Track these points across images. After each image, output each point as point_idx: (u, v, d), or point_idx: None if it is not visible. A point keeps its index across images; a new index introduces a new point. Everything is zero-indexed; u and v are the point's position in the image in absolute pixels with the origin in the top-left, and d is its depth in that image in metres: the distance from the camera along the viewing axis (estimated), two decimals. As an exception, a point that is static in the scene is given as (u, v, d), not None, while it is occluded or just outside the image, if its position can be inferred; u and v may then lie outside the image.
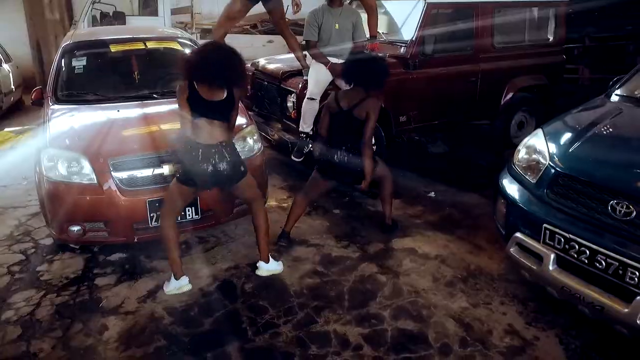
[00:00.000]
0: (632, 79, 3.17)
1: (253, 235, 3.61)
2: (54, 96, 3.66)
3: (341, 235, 3.72)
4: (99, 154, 2.97)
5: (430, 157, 5.49)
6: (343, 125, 3.27)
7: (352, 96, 3.24)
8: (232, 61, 2.66)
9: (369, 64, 3.24)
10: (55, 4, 8.47)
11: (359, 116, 3.20)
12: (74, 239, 3.04)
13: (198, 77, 2.65)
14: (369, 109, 3.18)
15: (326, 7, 4.26)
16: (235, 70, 2.67)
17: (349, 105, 3.22)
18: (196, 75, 2.65)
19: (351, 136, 3.25)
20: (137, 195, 2.99)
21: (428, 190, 4.58)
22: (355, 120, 3.21)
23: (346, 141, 3.26)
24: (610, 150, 2.50)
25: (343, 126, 3.27)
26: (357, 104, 3.20)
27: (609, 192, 2.23)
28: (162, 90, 3.84)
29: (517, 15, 5.20)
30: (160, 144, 3.11)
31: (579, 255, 2.25)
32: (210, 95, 2.69)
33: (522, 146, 2.93)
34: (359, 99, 3.20)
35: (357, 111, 3.21)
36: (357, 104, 3.20)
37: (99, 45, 4.17)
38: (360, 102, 3.19)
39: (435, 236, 3.71)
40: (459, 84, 4.91)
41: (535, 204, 2.54)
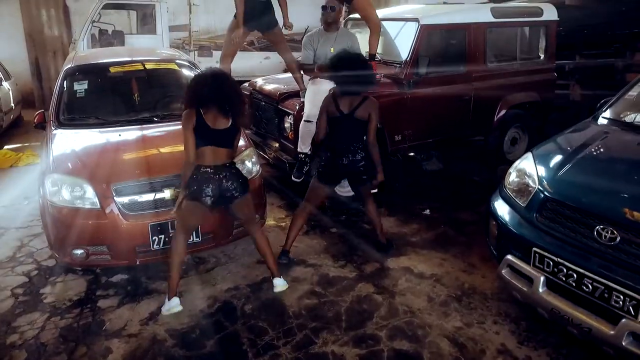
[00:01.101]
0: (618, 101, 3.27)
1: (251, 256, 3.73)
2: (57, 120, 3.75)
3: (338, 254, 3.80)
4: (101, 180, 3.05)
5: (425, 174, 5.59)
6: (346, 129, 3.33)
7: (352, 98, 3.30)
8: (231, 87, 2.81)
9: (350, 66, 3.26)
10: (54, 20, 8.59)
11: (361, 118, 3.28)
12: (77, 262, 3.11)
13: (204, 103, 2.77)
14: (370, 109, 3.26)
15: (322, 31, 4.38)
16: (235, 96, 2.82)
17: (350, 108, 3.29)
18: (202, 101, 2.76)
19: (356, 138, 3.32)
20: (139, 219, 3.06)
21: (423, 208, 4.67)
22: (359, 123, 3.29)
23: (352, 144, 3.32)
24: (596, 176, 2.60)
25: (346, 130, 3.33)
26: (358, 105, 3.27)
27: (594, 218, 2.33)
28: (162, 114, 3.93)
29: (508, 35, 5.32)
30: (162, 168, 3.19)
31: (567, 278, 2.33)
32: (215, 123, 2.78)
33: (512, 169, 3.02)
34: (359, 100, 3.28)
35: (359, 113, 3.28)
36: (358, 105, 3.27)
37: (100, 68, 4.26)
38: (361, 104, 3.28)
39: (430, 254, 3.79)
40: (453, 103, 5.01)
41: (526, 228, 2.63)
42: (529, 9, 5.42)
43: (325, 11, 4.26)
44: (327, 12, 4.26)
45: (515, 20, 5.26)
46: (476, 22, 4.92)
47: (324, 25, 4.35)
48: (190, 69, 4.57)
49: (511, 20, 5.23)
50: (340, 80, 3.30)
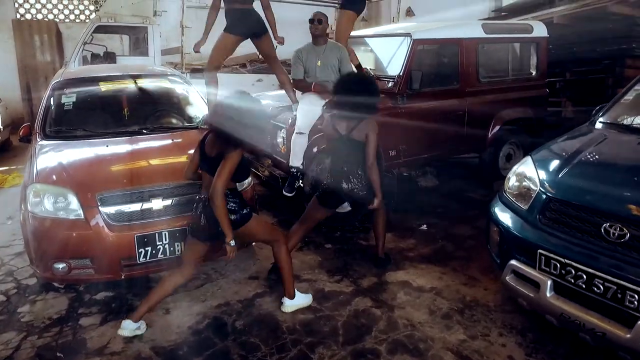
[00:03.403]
0: (613, 107, 3.24)
1: (244, 272, 3.58)
2: (42, 132, 3.64)
3: (334, 270, 3.65)
4: (86, 189, 2.92)
5: (420, 190, 5.50)
6: (344, 151, 3.25)
7: (349, 119, 3.22)
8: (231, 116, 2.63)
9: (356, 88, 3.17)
10: (46, 46, 8.60)
11: (358, 139, 3.18)
12: (58, 277, 2.94)
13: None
14: (368, 129, 3.16)
15: (310, 45, 4.36)
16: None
17: (348, 129, 3.22)
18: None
19: (354, 161, 3.22)
20: (125, 230, 2.92)
21: (420, 223, 4.55)
22: (356, 144, 3.19)
23: (351, 166, 3.22)
24: (600, 174, 2.52)
25: (344, 152, 3.25)
26: (355, 126, 3.18)
27: (601, 215, 2.23)
28: (151, 126, 3.83)
29: (500, 51, 5.36)
30: (149, 178, 3.08)
31: (575, 280, 2.22)
32: (211, 148, 2.70)
33: (512, 174, 2.94)
34: (357, 121, 3.19)
35: (356, 134, 3.18)
36: (355, 126, 3.18)
37: (88, 82, 4.19)
38: (358, 124, 3.18)
39: (429, 269, 3.65)
40: (447, 118, 4.98)
41: (529, 230, 2.52)
42: (519, 25, 5.49)
43: (312, 24, 4.24)
44: (314, 25, 4.24)
45: (506, 37, 5.31)
46: (468, 38, 4.95)
47: (312, 39, 4.33)
48: (182, 84, 4.53)
49: (502, 37, 5.27)
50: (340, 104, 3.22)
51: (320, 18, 4.26)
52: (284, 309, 3.03)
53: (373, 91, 3.20)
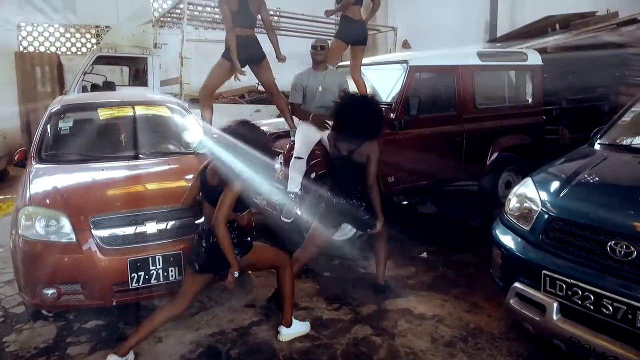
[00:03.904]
0: (611, 128, 3.23)
1: (239, 300, 3.48)
2: (37, 156, 3.60)
3: (332, 297, 3.55)
4: (79, 211, 2.86)
5: (420, 218, 5.44)
6: (344, 170, 3.21)
7: (351, 140, 3.20)
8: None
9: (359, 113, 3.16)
10: (47, 77, 8.69)
11: (359, 160, 3.16)
12: (47, 303, 2.83)
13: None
14: (369, 151, 3.15)
15: (311, 70, 4.40)
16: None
17: (349, 150, 3.19)
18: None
19: (354, 181, 3.19)
20: (117, 254, 2.84)
21: (420, 251, 4.47)
22: (357, 165, 3.17)
23: (351, 187, 3.18)
24: (602, 193, 2.48)
25: (345, 171, 3.21)
26: (357, 147, 3.17)
27: (606, 233, 2.18)
28: (148, 151, 3.81)
29: (496, 78, 5.41)
30: (144, 201, 3.02)
31: (583, 301, 2.14)
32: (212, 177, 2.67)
33: (512, 195, 2.90)
34: (359, 142, 3.17)
35: (357, 155, 3.17)
36: (357, 147, 3.17)
37: (86, 108, 4.19)
38: (360, 146, 3.16)
39: (430, 296, 3.55)
40: (445, 144, 4.98)
41: (532, 251, 2.46)
42: (514, 53, 5.57)
43: (315, 50, 4.30)
44: (317, 51, 4.29)
45: (501, 64, 5.37)
46: (464, 65, 5.00)
47: (313, 64, 4.38)
48: (181, 112, 4.52)
49: (497, 64, 5.33)
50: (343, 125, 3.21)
51: (323, 44, 4.33)
52: (281, 338, 2.92)
53: (376, 114, 3.20)
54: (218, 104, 6.86)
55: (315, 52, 4.29)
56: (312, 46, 4.32)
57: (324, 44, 4.31)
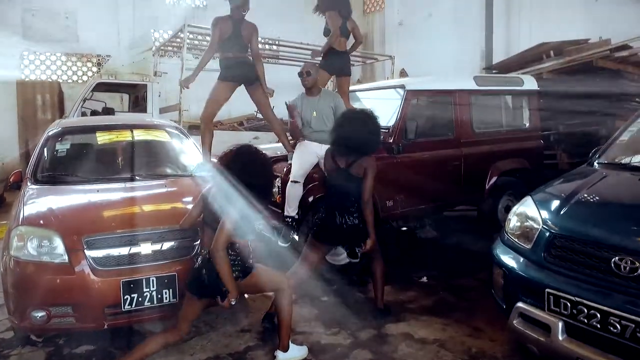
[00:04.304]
0: (610, 148, 3.23)
1: (235, 325, 3.39)
2: (33, 177, 3.57)
3: (330, 322, 3.45)
4: (73, 231, 2.81)
5: (419, 242, 5.37)
6: (342, 184, 3.19)
7: (349, 154, 3.20)
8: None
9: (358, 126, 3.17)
10: (48, 105, 8.74)
11: (357, 174, 3.15)
12: (37, 327, 2.74)
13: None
14: (367, 165, 3.14)
15: (304, 95, 4.38)
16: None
17: (347, 164, 3.18)
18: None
19: (351, 195, 3.16)
20: (111, 275, 2.77)
21: (420, 276, 4.39)
22: (354, 179, 3.15)
23: (346, 201, 3.16)
24: (604, 209, 2.45)
25: (342, 185, 3.19)
26: (355, 161, 3.16)
27: (609, 249, 2.13)
28: (145, 173, 3.78)
29: (493, 102, 5.45)
30: (139, 221, 2.97)
31: (589, 319, 2.07)
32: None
33: (512, 215, 2.86)
34: (357, 155, 3.17)
35: (355, 169, 3.16)
36: (355, 161, 3.16)
37: (85, 131, 4.19)
38: (358, 159, 3.16)
39: (431, 320, 3.46)
40: (443, 168, 4.96)
41: (534, 270, 2.41)
42: (510, 78, 5.64)
43: (302, 77, 4.28)
44: (304, 78, 4.27)
45: (497, 89, 5.42)
46: (460, 89, 5.04)
47: (305, 91, 4.37)
48: (179, 136, 4.52)
49: (494, 89, 5.38)
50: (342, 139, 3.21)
51: (309, 70, 4.27)
52: None
53: (374, 129, 3.21)
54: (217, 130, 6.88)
55: (303, 79, 4.28)
56: (299, 74, 4.32)
57: (310, 70, 4.27)
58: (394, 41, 11.35)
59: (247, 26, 4.46)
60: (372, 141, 3.21)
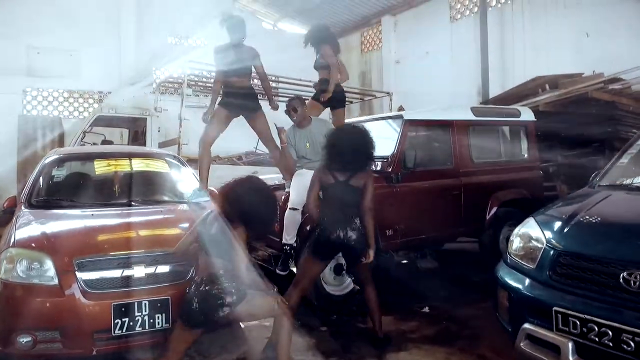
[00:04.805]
0: (610, 170, 3.21)
1: (230, 353, 3.25)
2: (27, 202, 3.52)
3: (329, 352, 3.32)
4: (64, 253, 2.74)
5: (420, 273, 5.26)
6: (341, 197, 3.16)
7: (346, 168, 3.19)
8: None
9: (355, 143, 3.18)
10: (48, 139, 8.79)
11: (356, 186, 3.15)
12: (21, 352, 2.61)
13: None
14: (366, 178, 3.16)
15: (295, 128, 4.37)
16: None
17: (346, 175, 3.16)
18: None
19: (352, 206, 3.14)
20: (101, 298, 2.69)
21: (421, 306, 4.27)
22: (354, 190, 3.15)
23: (348, 212, 3.13)
24: (610, 225, 2.40)
25: (340, 198, 3.16)
26: (354, 174, 3.16)
27: (617, 264, 2.06)
28: (141, 199, 3.74)
29: (491, 133, 5.48)
30: (132, 244, 2.90)
31: (600, 338, 1.98)
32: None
33: (514, 236, 2.81)
34: (354, 169, 3.18)
35: (354, 181, 3.15)
36: (354, 174, 3.16)
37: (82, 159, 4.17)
38: (357, 172, 3.17)
39: (433, 349, 3.33)
40: (443, 198, 4.91)
41: (540, 289, 2.33)
42: (506, 109, 5.69)
43: (289, 114, 4.29)
44: (291, 115, 4.29)
45: (494, 119, 5.46)
46: (458, 120, 5.08)
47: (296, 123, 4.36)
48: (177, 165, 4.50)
49: (491, 119, 5.42)
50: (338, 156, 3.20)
51: (294, 106, 4.28)
52: None
53: (368, 143, 3.23)
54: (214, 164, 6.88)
55: (291, 117, 4.30)
56: (285, 112, 4.32)
57: (296, 106, 4.27)
58: (391, 79, 11.57)
59: (248, 50, 4.56)
60: (370, 154, 3.24)
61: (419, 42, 10.94)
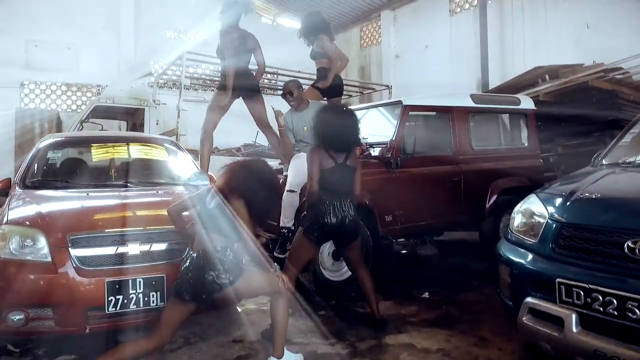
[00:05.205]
0: (612, 150, 3.16)
1: (227, 335, 3.20)
2: (22, 183, 3.46)
3: (328, 334, 3.26)
4: (57, 229, 2.68)
5: (420, 260, 5.22)
6: (341, 179, 3.17)
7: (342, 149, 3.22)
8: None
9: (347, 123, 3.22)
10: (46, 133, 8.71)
11: (352, 166, 3.22)
12: (13, 330, 2.56)
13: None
14: (356, 156, 3.27)
15: (292, 111, 4.33)
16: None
17: (344, 157, 3.20)
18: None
19: (348, 188, 3.19)
20: (95, 275, 2.63)
21: (421, 292, 4.22)
22: (351, 171, 3.21)
23: (345, 194, 3.17)
24: (614, 198, 2.35)
25: (341, 180, 3.17)
26: (349, 154, 3.22)
27: (622, 233, 2.01)
28: (137, 181, 3.69)
29: (491, 121, 5.44)
30: (127, 222, 2.85)
31: (605, 307, 1.93)
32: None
33: (516, 213, 2.76)
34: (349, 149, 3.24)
35: (350, 161, 3.21)
36: (349, 154, 3.22)
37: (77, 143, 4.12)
38: (351, 152, 3.25)
39: (434, 332, 3.28)
40: (443, 184, 4.87)
41: (542, 262, 2.28)
42: (506, 97, 5.64)
43: (286, 98, 4.25)
44: (287, 99, 4.24)
45: (494, 107, 5.41)
46: (458, 106, 5.03)
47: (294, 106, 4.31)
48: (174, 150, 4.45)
49: (491, 107, 5.38)
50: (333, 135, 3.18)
51: (290, 89, 4.23)
52: None
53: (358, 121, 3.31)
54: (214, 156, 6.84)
55: (288, 101, 4.25)
56: (282, 96, 4.28)
57: (291, 89, 4.21)
58: (390, 73, 11.53)
59: (250, 36, 4.51)
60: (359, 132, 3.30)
61: (419, 36, 10.90)
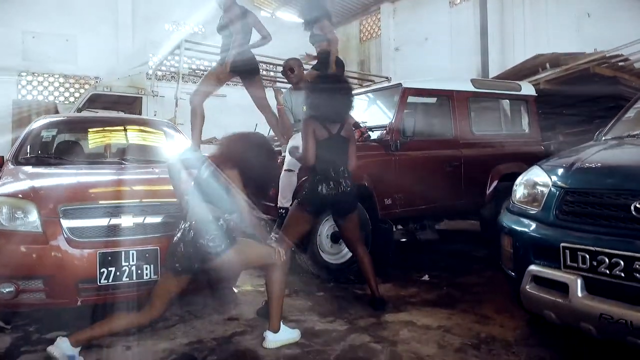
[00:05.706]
0: (615, 125, 3.11)
1: (222, 313, 3.14)
2: (14, 159, 3.40)
3: (326, 312, 3.20)
4: (49, 200, 2.63)
5: (420, 245, 5.16)
6: (339, 149, 3.13)
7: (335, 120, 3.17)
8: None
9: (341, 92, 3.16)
10: (42, 123, 8.69)
11: (347, 136, 3.16)
12: (2, 302, 2.51)
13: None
14: (350, 130, 3.21)
15: (292, 90, 4.28)
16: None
17: (338, 127, 3.14)
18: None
19: (343, 159, 3.14)
20: (87, 246, 2.57)
21: (421, 275, 4.16)
22: (345, 141, 3.16)
23: (342, 165, 3.11)
24: (618, 163, 2.29)
25: (336, 150, 3.12)
26: (344, 124, 3.16)
27: (628, 195, 1.95)
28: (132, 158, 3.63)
29: (491, 106, 5.38)
30: (121, 194, 2.79)
31: (611, 269, 1.87)
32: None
33: (518, 185, 2.70)
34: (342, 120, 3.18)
35: (345, 132, 3.15)
36: (344, 124, 3.16)
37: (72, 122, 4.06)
38: (345, 122, 3.18)
39: (434, 311, 3.22)
40: (443, 168, 4.81)
41: (546, 229, 2.22)
42: (507, 83, 5.59)
43: (286, 75, 4.20)
44: (288, 76, 4.20)
45: (495, 92, 5.35)
46: (458, 90, 4.97)
47: (293, 85, 4.28)
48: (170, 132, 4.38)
49: (491, 92, 5.31)
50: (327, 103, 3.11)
51: (292, 67, 4.19)
52: (267, 345, 2.56)
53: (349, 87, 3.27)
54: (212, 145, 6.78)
55: (288, 78, 4.21)
56: (282, 72, 4.23)
57: (292, 66, 4.17)
58: (390, 66, 11.48)
59: (250, 13, 4.45)
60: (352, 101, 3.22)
61: (418, 29, 10.86)
